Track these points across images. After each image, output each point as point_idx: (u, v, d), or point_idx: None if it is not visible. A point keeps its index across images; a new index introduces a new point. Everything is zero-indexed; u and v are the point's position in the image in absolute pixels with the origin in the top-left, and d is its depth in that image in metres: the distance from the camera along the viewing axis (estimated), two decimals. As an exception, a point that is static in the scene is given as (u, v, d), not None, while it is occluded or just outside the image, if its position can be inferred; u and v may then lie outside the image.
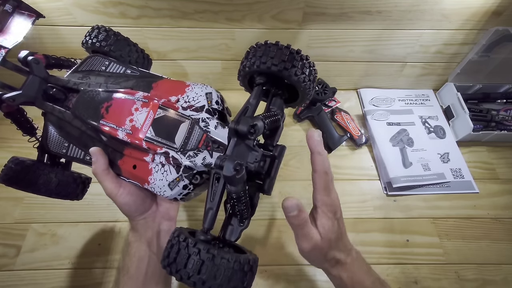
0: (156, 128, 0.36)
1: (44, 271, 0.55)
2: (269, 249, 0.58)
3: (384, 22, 0.65)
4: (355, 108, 0.79)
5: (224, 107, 0.40)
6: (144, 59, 0.49)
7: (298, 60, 0.33)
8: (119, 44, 0.45)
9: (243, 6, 0.61)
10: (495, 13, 0.64)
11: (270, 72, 0.34)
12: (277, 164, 0.33)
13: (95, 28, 0.46)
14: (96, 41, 0.44)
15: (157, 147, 0.35)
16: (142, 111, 0.37)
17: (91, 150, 0.38)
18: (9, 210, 0.61)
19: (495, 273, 0.57)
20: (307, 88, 0.35)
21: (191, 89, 0.39)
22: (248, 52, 0.36)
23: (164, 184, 0.35)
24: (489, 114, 0.73)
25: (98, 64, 0.43)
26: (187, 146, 0.36)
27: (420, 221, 0.63)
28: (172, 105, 0.37)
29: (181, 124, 0.36)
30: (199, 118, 0.36)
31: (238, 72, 0.38)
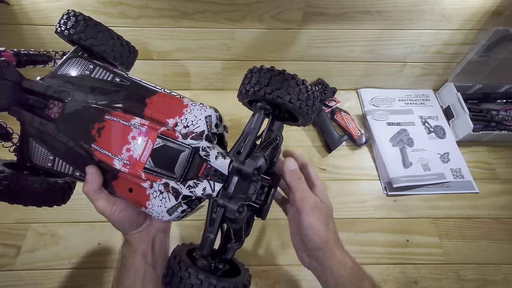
0: (155, 159, 0.34)
1: (44, 271, 0.55)
2: (269, 249, 0.58)
3: (384, 22, 0.65)
4: (355, 108, 0.79)
5: (222, 126, 0.39)
6: (130, 53, 0.45)
7: (293, 86, 0.33)
8: (101, 37, 0.40)
9: (243, 6, 0.61)
10: (495, 13, 0.64)
11: (265, 99, 0.34)
12: (273, 192, 0.35)
13: (70, 15, 0.40)
14: (73, 32, 0.38)
15: (157, 179, 0.34)
16: (139, 140, 0.34)
17: (87, 169, 0.35)
18: (9, 210, 0.61)
19: (495, 273, 0.57)
20: (305, 114, 0.35)
21: (189, 111, 0.36)
22: (245, 77, 0.36)
23: (162, 210, 0.35)
24: (489, 114, 0.73)
25: (81, 68, 0.38)
26: (187, 175, 0.35)
27: (420, 221, 0.63)
28: (171, 134, 0.34)
29: (181, 154, 0.35)
30: (199, 147, 0.35)
31: (238, 92, 0.38)
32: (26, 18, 0.62)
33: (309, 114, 0.36)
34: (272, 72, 0.34)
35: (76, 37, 0.39)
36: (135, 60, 0.48)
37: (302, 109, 0.34)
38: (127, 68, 0.48)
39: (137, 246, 0.39)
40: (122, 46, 0.43)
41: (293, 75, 0.34)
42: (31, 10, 0.61)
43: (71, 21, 0.40)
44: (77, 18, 0.40)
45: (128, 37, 0.48)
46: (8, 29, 0.64)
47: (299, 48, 0.71)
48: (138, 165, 0.34)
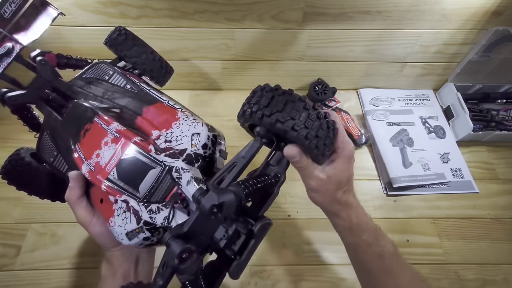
0: (120, 170, 0.31)
1: (44, 271, 0.55)
2: (269, 249, 0.58)
3: (384, 22, 0.65)
4: (355, 108, 0.79)
5: (215, 150, 0.35)
6: (163, 68, 0.48)
7: (299, 110, 0.27)
8: (135, 50, 0.44)
9: (243, 6, 0.61)
10: (495, 13, 0.64)
11: (263, 125, 0.28)
12: (252, 245, 0.27)
13: (116, 29, 0.45)
14: (112, 44, 0.44)
15: (116, 193, 0.30)
16: (110, 147, 0.32)
17: (70, 174, 0.34)
18: (9, 210, 0.61)
19: (495, 273, 0.57)
20: (314, 148, 0.28)
21: (178, 125, 0.34)
22: (247, 98, 0.31)
23: (122, 232, 0.30)
24: (489, 114, 0.73)
25: (102, 73, 0.41)
26: (152, 197, 0.30)
27: (420, 221, 0.63)
28: (144, 146, 0.31)
29: (150, 171, 0.30)
30: (173, 167, 0.30)
31: (237, 115, 0.33)
32: (26, 18, 0.62)
33: (320, 149, 0.29)
34: (275, 91, 0.28)
35: (113, 49, 0.44)
36: (169, 78, 0.50)
37: (310, 141, 0.28)
38: (159, 83, 0.49)
39: (117, 266, 0.35)
40: (154, 61, 0.45)
41: (301, 97, 0.28)
42: (31, 10, 0.61)
43: (115, 35, 0.44)
44: (120, 32, 0.44)
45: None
46: (8, 29, 0.64)
47: (299, 48, 0.71)
48: (101, 174, 0.31)
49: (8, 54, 0.35)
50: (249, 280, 0.55)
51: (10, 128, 0.71)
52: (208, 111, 0.76)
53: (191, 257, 0.23)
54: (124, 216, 0.30)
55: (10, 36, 0.35)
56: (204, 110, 0.77)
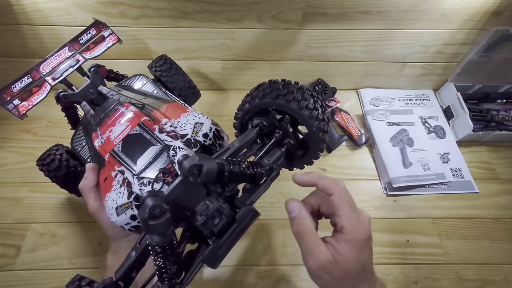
0: (126, 144, 0.34)
1: (44, 271, 0.55)
2: (269, 249, 0.58)
3: (384, 22, 0.65)
4: (355, 108, 0.79)
5: (216, 142, 0.37)
6: (194, 94, 0.56)
7: (309, 95, 0.30)
8: (176, 78, 0.52)
9: (243, 6, 0.61)
10: (495, 13, 0.64)
11: (276, 105, 0.30)
12: (234, 230, 0.26)
13: (162, 57, 0.54)
14: (159, 70, 0.52)
15: (116, 163, 0.33)
16: (122, 124, 0.36)
17: (87, 165, 0.37)
18: (9, 210, 0.61)
19: (495, 273, 0.57)
20: (321, 129, 0.30)
21: (185, 116, 0.38)
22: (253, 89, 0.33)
23: (113, 206, 0.32)
24: (489, 114, 0.73)
25: (137, 82, 0.48)
26: (146, 171, 0.32)
27: (420, 221, 0.63)
28: (150, 124, 0.35)
29: (150, 147, 0.33)
30: (171, 146, 0.33)
31: (235, 115, 0.34)
32: (26, 18, 0.62)
33: (325, 131, 0.31)
34: (284, 80, 0.31)
35: (158, 73, 0.52)
36: (197, 100, 0.59)
37: (319, 122, 0.30)
38: (188, 104, 0.54)
39: (123, 257, 0.34)
40: (189, 88, 0.54)
41: (309, 87, 0.31)
42: (31, 10, 0.61)
43: (161, 63, 0.53)
44: (165, 61, 0.53)
45: (128, 37, 0.48)
46: (8, 29, 0.64)
47: (299, 48, 0.71)
48: (108, 145, 0.35)
49: (74, 65, 0.46)
50: (249, 280, 0.55)
51: (10, 128, 0.71)
52: (208, 111, 0.76)
53: (163, 216, 0.22)
54: (119, 190, 0.33)
55: (80, 55, 0.47)
56: (204, 110, 0.76)
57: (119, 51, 0.69)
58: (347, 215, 0.27)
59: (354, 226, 0.26)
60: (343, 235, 0.26)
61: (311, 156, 0.34)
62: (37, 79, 0.44)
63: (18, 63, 0.68)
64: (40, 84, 0.44)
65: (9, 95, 0.42)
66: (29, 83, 0.44)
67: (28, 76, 0.44)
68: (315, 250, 0.26)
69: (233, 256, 0.57)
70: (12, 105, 0.42)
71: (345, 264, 0.26)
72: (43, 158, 0.47)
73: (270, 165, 0.31)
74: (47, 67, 0.45)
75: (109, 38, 0.49)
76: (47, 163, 0.46)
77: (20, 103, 0.42)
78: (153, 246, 0.23)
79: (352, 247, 0.26)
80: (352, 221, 0.26)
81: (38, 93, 0.43)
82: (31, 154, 0.67)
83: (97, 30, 0.49)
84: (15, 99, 0.42)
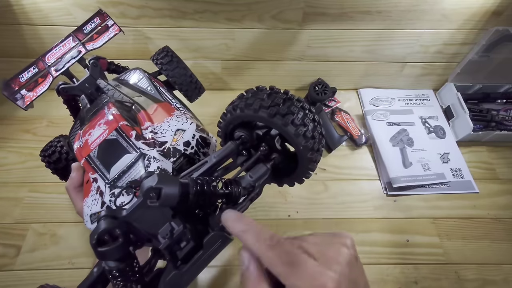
0: (101, 150, 0.32)
1: (44, 271, 0.55)
2: (269, 249, 0.58)
3: (384, 22, 0.65)
4: (355, 108, 0.79)
5: (198, 151, 0.34)
6: (196, 88, 0.54)
7: (297, 107, 0.26)
8: (177, 72, 0.51)
9: (243, 6, 0.61)
10: (495, 13, 0.64)
11: (257, 119, 0.26)
12: (200, 256, 0.23)
13: (164, 49, 0.52)
14: (160, 63, 0.50)
15: (90, 170, 0.31)
16: (101, 128, 0.34)
17: (72, 165, 0.36)
18: (9, 210, 0.61)
19: (495, 273, 0.57)
20: (309, 149, 0.26)
21: (168, 120, 0.36)
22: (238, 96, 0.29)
23: (87, 213, 0.31)
24: (489, 114, 0.73)
25: (134, 77, 0.47)
26: (119, 181, 0.30)
27: (420, 221, 0.63)
28: (127, 130, 0.32)
29: (125, 155, 0.31)
30: (147, 155, 0.31)
31: (218, 123, 0.31)
32: (26, 18, 0.62)
33: (314, 151, 0.27)
34: (272, 90, 0.27)
35: (159, 66, 0.50)
36: (200, 96, 0.57)
37: (308, 140, 0.26)
38: (190, 100, 0.55)
39: None
40: (191, 83, 0.52)
41: (299, 98, 0.26)
42: (31, 10, 0.61)
43: (162, 55, 0.51)
44: (167, 54, 0.51)
45: (128, 37, 0.48)
46: (8, 29, 0.64)
47: (299, 48, 0.71)
48: (85, 150, 0.33)
49: (76, 57, 0.45)
50: (249, 280, 0.55)
51: (10, 128, 0.71)
52: (208, 111, 0.76)
53: (115, 242, 0.20)
54: (94, 197, 0.31)
55: (83, 45, 0.46)
56: (204, 110, 0.77)
57: (119, 51, 0.69)
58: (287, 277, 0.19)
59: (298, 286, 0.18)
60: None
61: (300, 175, 0.30)
62: (42, 69, 0.44)
63: (18, 63, 0.68)
64: (45, 75, 0.44)
65: (17, 85, 0.43)
66: (36, 73, 0.44)
67: (34, 66, 0.44)
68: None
69: (232, 256, 0.57)
70: (20, 95, 0.42)
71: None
72: (45, 149, 0.47)
73: (251, 183, 0.27)
74: (52, 58, 0.45)
75: (112, 28, 0.48)
76: (48, 155, 0.46)
77: (26, 94, 0.43)
78: (109, 271, 0.21)
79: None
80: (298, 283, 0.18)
81: (42, 84, 0.43)
82: (31, 154, 0.67)
83: (101, 20, 0.48)
84: (23, 89, 0.43)
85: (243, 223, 0.22)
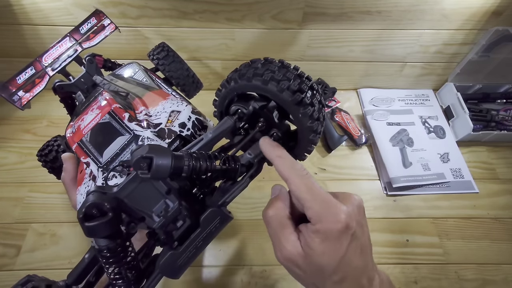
0: (94, 134, 0.31)
1: (44, 271, 0.55)
2: (268, 249, 0.58)
3: (384, 22, 0.65)
4: (355, 108, 0.79)
5: (195, 133, 0.33)
6: (194, 83, 0.54)
7: (294, 73, 0.24)
8: (173, 67, 0.51)
9: (243, 6, 0.61)
10: (495, 13, 0.64)
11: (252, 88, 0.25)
12: (197, 235, 0.22)
13: (160, 45, 0.52)
14: (156, 58, 0.50)
15: (82, 154, 0.31)
16: (93, 113, 0.33)
17: (63, 155, 0.35)
18: (9, 210, 0.61)
19: (495, 273, 0.57)
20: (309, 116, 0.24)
21: (163, 103, 0.35)
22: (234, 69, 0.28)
23: (80, 201, 0.30)
24: (489, 114, 0.73)
25: (130, 71, 0.47)
26: (111, 164, 0.30)
27: (420, 221, 0.63)
28: (120, 112, 0.32)
29: (118, 137, 0.30)
30: (140, 136, 0.30)
31: (213, 102, 0.30)
32: (26, 18, 0.62)
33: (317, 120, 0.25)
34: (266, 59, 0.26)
35: (155, 62, 0.51)
36: (198, 92, 0.57)
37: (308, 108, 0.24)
38: (188, 96, 0.54)
39: None
40: (187, 77, 0.52)
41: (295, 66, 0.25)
42: (31, 10, 0.61)
43: (158, 50, 0.51)
44: (163, 48, 0.51)
45: (128, 37, 0.48)
46: (8, 29, 0.64)
47: (299, 48, 0.71)
48: (77, 135, 0.33)
49: (72, 55, 0.46)
50: (249, 280, 0.55)
51: (10, 128, 0.71)
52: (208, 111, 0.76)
53: (102, 218, 0.19)
54: (87, 184, 0.30)
55: (79, 45, 0.47)
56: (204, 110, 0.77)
57: (119, 50, 0.69)
58: (308, 201, 0.22)
59: (321, 213, 0.22)
60: (311, 225, 0.22)
61: (302, 151, 0.28)
62: (39, 70, 0.45)
63: (18, 63, 0.68)
64: (42, 75, 0.44)
65: (14, 87, 0.43)
66: (33, 74, 0.44)
67: (32, 67, 0.45)
68: (283, 239, 0.23)
69: (232, 256, 0.57)
70: (17, 96, 0.42)
71: (316, 259, 0.22)
72: (42, 149, 0.47)
73: (249, 160, 0.27)
74: (49, 58, 0.45)
75: (108, 27, 0.48)
76: (45, 154, 0.46)
77: (24, 95, 0.43)
78: (99, 251, 0.20)
79: (322, 239, 0.21)
80: (316, 207, 0.22)
81: (39, 84, 0.44)
82: (31, 154, 0.67)
83: (97, 19, 0.48)
84: (20, 91, 0.43)
85: (280, 150, 0.25)
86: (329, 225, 0.21)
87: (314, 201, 0.22)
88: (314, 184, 0.23)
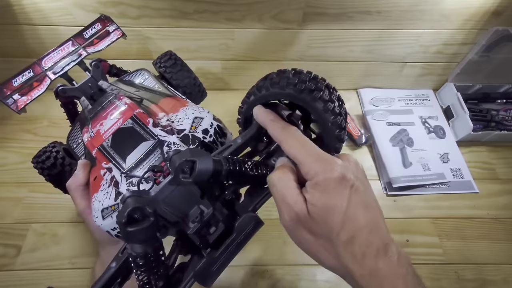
0: (116, 139, 0.31)
1: (44, 271, 0.55)
2: (269, 249, 0.58)
3: (384, 22, 0.65)
4: (355, 108, 0.79)
5: (217, 140, 0.33)
6: (199, 92, 0.54)
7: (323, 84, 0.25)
8: (181, 75, 0.51)
9: (243, 6, 0.61)
10: (495, 13, 0.64)
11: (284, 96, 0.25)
12: (233, 241, 0.22)
13: (167, 53, 0.52)
14: (163, 66, 0.50)
15: (104, 160, 0.30)
16: (114, 117, 0.33)
17: (79, 162, 0.35)
18: (9, 210, 0.61)
19: (495, 273, 0.57)
20: (337, 125, 0.24)
21: (184, 110, 0.35)
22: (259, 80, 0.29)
23: (98, 208, 0.29)
24: (489, 114, 0.73)
25: (139, 77, 0.47)
26: (136, 169, 0.29)
27: (420, 221, 0.63)
28: (144, 118, 0.32)
29: (142, 142, 0.30)
30: (166, 141, 0.30)
31: (239, 109, 0.30)
32: (26, 18, 0.62)
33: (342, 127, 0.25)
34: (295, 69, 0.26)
35: (162, 70, 0.50)
36: (202, 100, 0.57)
37: (336, 116, 0.24)
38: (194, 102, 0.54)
39: None
40: (194, 86, 0.52)
41: (323, 78, 0.26)
42: (31, 10, 0.61)
43: (165, 58, 0.51)
44: (170, 57, 0.51)
45: (128, 37, 0.48)
46: (8, 29, 0.64)
47: (299, 48, 0.71)
48: (97, 140, 0.32)
49: (76, 60, 0.45)
50: (250, 280, 0.55)
51: (10, 128, 0.71)
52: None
53: (145, 221, 0.19)
54: (107, 190, 0.30)
55: (83, 49, 0.46)
56: (204, 110, 0.77)
57: (119, 51, 0.69)
58: (302, 156, 0.22)
59: (317, 166, 0.21)
60: (309, 181, 0.22)
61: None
62: (38, 73, 0.43)
63: (18, 63, 0.68)
64: (41, 79, 0.43)
65: (9, 90, 0.42)
66: (30, 78, 0.43)
67: (30, 70, 0.43)
68: (289, 198, 0.22)
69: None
70: (12, 99, 0.41)
71: (321, 215, 0.21)
72: (38, 156, 0.45)
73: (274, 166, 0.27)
74: (49, 62, 0.44)
75: (114, 33, 0.47)
76: (42, 161, 0.44)
77: (19, 98, 0.41)
78: (134, 257, 0.20)
79: (321, 191, 0.21)
80: (311, 161, 0.22)
81: (38, 88, 0.42)
82: (31, 154, 0.66)
83: (102, 25, 0.48)
84: (15, 94, 0.41)
85: (273, 115, 0.26)
86: (325, 175, 0.21)
87: (308, 156, 0.22)
88: (307, 141, 0.24)
